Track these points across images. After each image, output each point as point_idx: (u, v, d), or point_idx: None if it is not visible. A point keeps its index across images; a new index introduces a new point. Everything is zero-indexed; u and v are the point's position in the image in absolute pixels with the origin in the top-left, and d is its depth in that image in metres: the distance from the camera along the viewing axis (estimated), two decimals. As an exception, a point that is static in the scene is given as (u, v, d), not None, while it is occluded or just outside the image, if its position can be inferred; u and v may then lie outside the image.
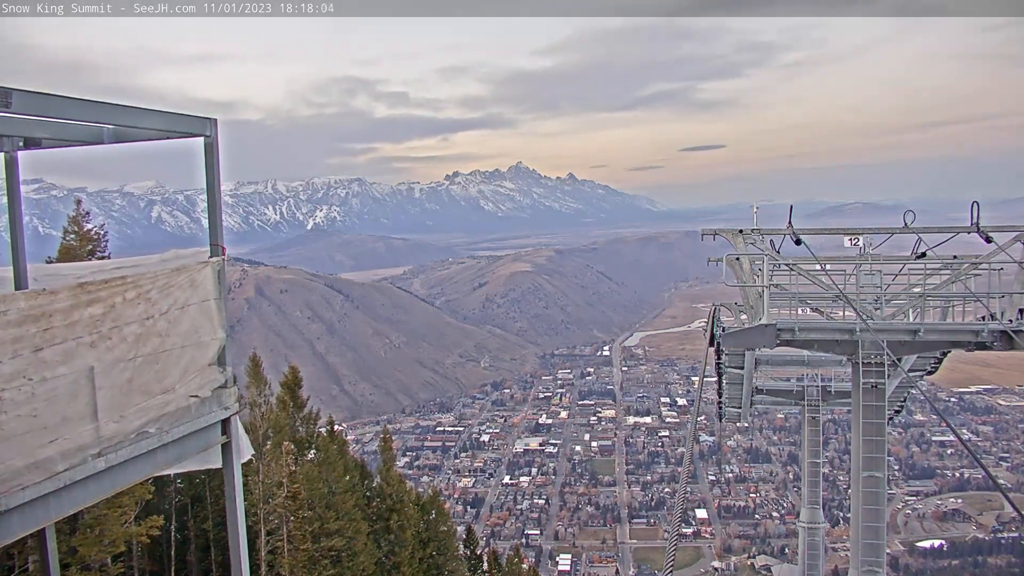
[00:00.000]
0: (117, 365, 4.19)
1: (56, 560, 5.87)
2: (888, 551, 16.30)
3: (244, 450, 5.42)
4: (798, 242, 13.10)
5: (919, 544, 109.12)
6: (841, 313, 13.72)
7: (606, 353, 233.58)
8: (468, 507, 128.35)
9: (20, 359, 3.62)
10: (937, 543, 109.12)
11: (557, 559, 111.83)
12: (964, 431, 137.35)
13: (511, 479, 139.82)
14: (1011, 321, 11.58)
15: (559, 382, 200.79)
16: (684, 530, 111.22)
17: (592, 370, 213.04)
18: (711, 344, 14.17)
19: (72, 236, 17.49)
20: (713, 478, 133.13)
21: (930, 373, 17.76)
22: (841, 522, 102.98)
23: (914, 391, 20.20)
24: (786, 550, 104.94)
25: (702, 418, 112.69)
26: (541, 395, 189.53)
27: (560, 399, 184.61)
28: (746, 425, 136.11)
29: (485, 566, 32.24)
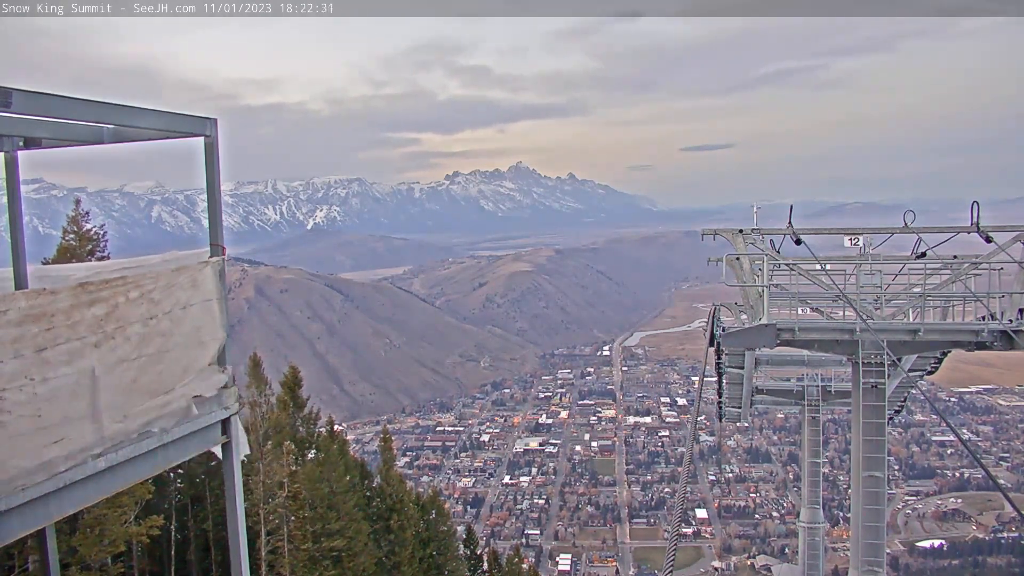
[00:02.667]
0: (119, 365, 4.19)
1: (56, 560, 5.86)
2: (888, 551, 16.29)
3: (241, 448, 5.42)
4: (798, 242, 13.11)
5: (919, 544, 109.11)
6: (841, 313, 13.73)
7: (606, 353, 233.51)
8: (468, 507, 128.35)
9: (22, 359, 3.62)
10: (937, 543, 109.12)
11: (557, 559, 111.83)
12: (964, 431, 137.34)
13: (511, 479, 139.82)
14: (1011, 321, 11.59)
15: (559, 382, 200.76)
16: (684, 530, 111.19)
17: (592, 370, 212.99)
18: (711, 344, 14.17)
19: (71, 236, 17.47)
20: (713, 478, 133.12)
21: (930, 373, 17.78)
22: (841, 522, 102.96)
23: (914, 391, 20.23)
24: (786, 550, 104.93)
25: (702, 418, 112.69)
26: (541, 395, 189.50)
27: (560, 399, 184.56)
28: (746, 425, 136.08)
29: (485, 566, 32.24)
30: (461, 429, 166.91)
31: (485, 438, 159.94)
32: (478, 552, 33.14)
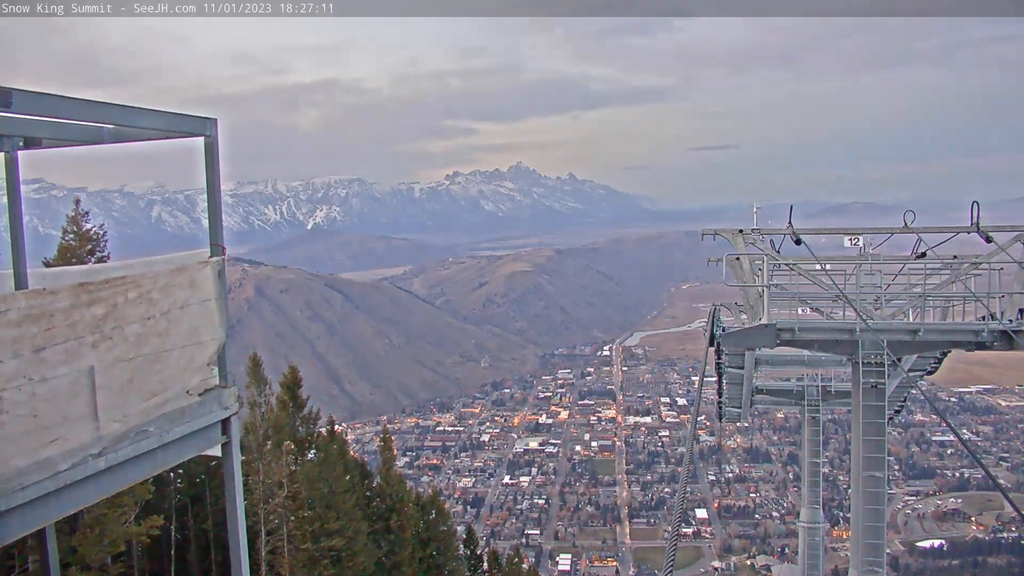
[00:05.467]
0: (118, 365, 4.19)
1: (56, 560, 5.86)
2: (888, 551, 16.30)
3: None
4: (798, 242, 13.10)
5: (919, 544, 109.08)
6: (841, 313, 13.72)
7: (606, 353, 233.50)
8: (468, 507, 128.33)
9: (21, 359, 3.62)
10: (937, 543, 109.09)
11: (557, 559, 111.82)
12: (964, 431, 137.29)
13: (511, 479, 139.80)
14: (1011, 321, 11.60)
15: (559, 382, 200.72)
16: (684, 530, 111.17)
17: (592, 370, 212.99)
18: (711, 344, 14.16)
19: (71, 236, 17.46)
20: (713, 478, 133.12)
21: (930, 373, 17.78)
22: (841, 522, 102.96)
23: (914, 391, 20.23)
24: (786, 550, 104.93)
25: (702, 418, 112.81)
26: (541, 395, 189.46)
27: (560, 399, 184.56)
28: (746, 425, 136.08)
29: (485, 566, 32.23)
30: (461, 429, 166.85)
31: (485, 438, 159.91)
32: (478, 552, 33.12)
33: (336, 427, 26.78)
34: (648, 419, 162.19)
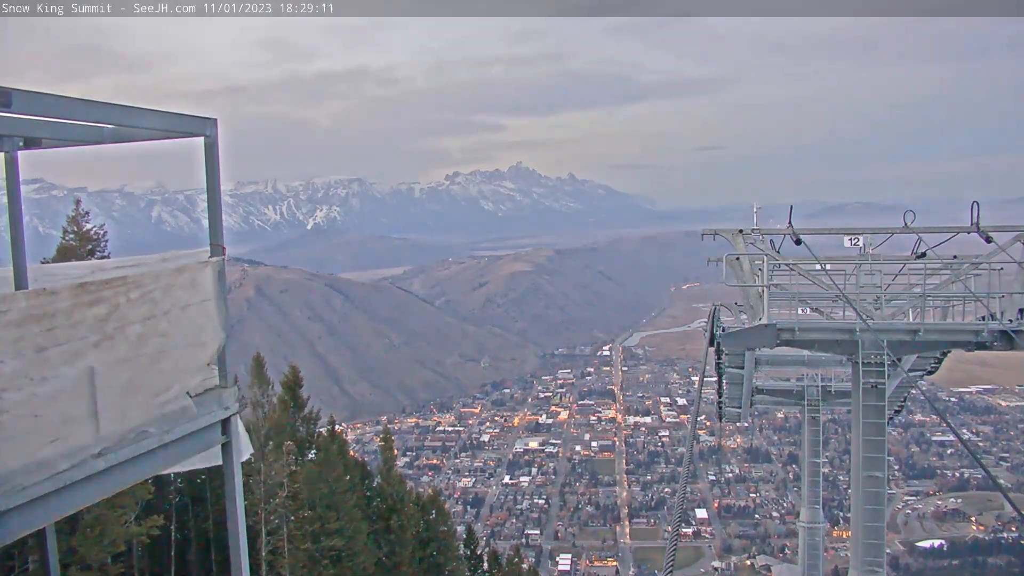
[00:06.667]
0: (119, 365, 4.19)
1: (56, 560, 5.86)
2: (888, 551, 16.30)
3: (243, 449, 5.42)
4: (798, 242, 13.10)
5: (919, 544, 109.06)
6: (841, 313, 13.72)
7: (606, 353, 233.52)
8: (468, 507, 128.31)
9: (22, 359, 3.62)
10: (937, 543, 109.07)
11: (557, 559, 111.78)
12: (964, 431, 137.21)
13: (511, 479, 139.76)
14: (1011, 321, 11.59)
15: (559, 382, 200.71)
16: (684, 530, 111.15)
17: (592, 370, 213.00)
18: (711, 344, 14.16)
19: (71, 236, 17.48)
20: (713, 478, 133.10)
21: (930, 373, 17.80)
22: (841, 522, 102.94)
23: (914, 391, 20.23)
24: (786, 550, 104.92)
25: (702, 418, 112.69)
26: (541, 395, 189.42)
27: (560, 399, 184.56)
28: (746, 425, 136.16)
29: (485, 566, 32.26)
30: (461, 429, 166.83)
31: (485, 438, 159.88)
32: (478, 552, 33.15)
33: (336, 427, 26.79)
34: (648, 419, 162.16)
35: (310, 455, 21.69)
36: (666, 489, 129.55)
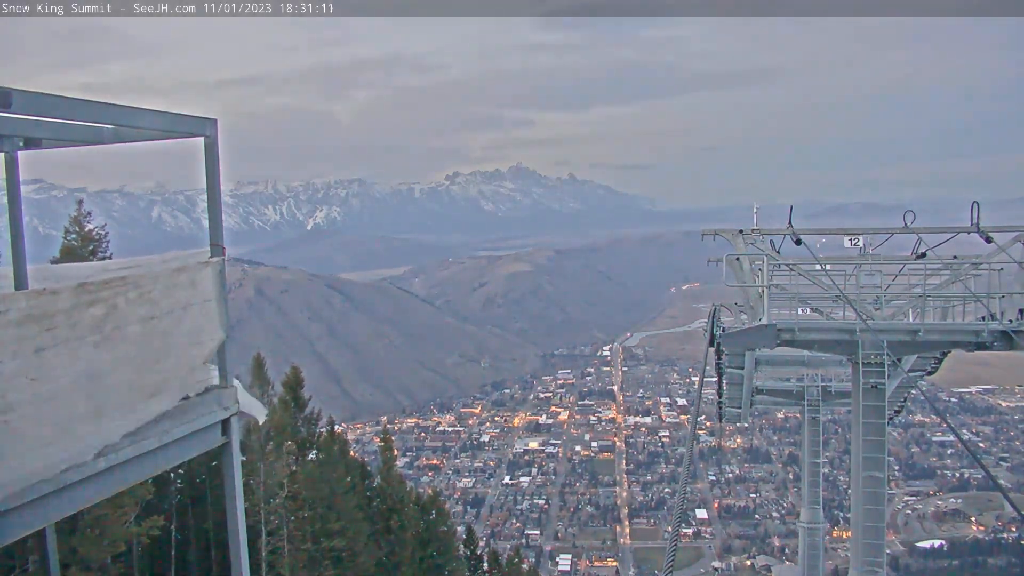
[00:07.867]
0: (119, 365, 4.20)
1: (56, 560, 5.87)
2: (888, 551, 16.30)
3: (257, 412, 5.40)
4: (798, 242, 13.11)
5: (919, 544, 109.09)
6: (841, 313, 13.72)
7: (606, 353, 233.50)
8: (468, 507, 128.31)
9: (22, 359, 3.63)
10: (937, 543, 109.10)
11: (557, 559, 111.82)
12: (964, 431, 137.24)
13: (511, 479, 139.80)
14: (1011, 321, 11.59)
15: (559, 382, 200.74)
16: (684, 530, 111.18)
17: (592, 370, 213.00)
18: (711, 344, 14.16)
19: (74, 236, 17.48)
20: (713, 478, 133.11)
21: (930, 373, 17.78)
22: (841, 522, 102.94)
23: (914, 391, 20.23)
24: (786, 550, 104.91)
25: (702, 418, 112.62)
26: (541, 395, 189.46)
27: (560, 399, 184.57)
28: (746, 425, 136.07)
29: (485, 566, 32.25)
30: (461, 429, 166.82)
31: (485, 438, 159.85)
32: (478, 552, 33.13)
33: (336, 427, 26.79)
34: (648, 419, 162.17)
35: (311, 455, 21.70)
36: (666, 489, 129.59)
